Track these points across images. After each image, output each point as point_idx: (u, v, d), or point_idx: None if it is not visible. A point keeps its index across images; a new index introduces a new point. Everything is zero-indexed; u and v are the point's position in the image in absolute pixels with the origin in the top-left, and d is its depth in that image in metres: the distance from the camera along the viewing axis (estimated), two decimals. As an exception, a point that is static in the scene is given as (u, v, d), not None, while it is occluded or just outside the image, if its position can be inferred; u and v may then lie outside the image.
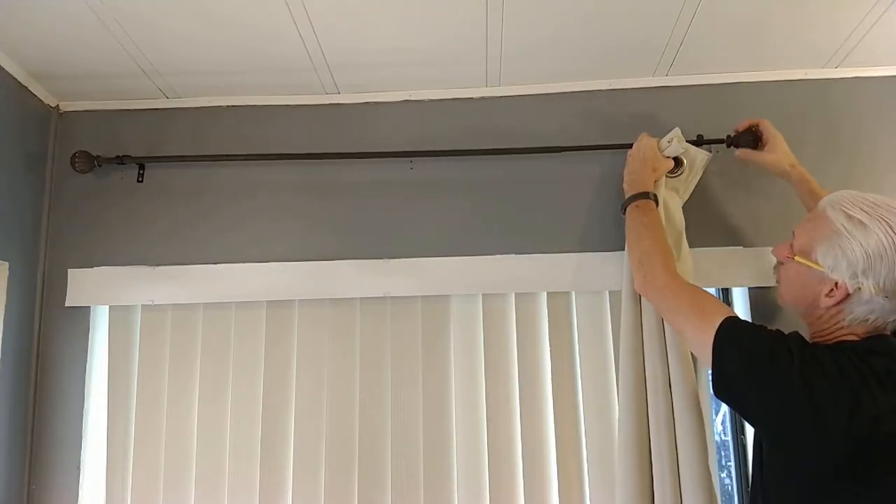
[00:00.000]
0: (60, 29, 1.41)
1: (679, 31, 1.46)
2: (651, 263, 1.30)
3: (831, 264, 1.03)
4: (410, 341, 1.58)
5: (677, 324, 1.22)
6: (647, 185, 1.44)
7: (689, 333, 1.17)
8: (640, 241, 1.37)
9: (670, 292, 1.24)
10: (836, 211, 1.04)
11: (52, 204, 1.69)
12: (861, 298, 1.01)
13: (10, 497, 1.52)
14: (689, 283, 1.26)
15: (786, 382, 0.98)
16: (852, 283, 1.01)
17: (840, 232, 1.02)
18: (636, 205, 1.42)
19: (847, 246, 1.01)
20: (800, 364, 0.98)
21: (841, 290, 1.03)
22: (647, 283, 1.31)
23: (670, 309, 1.24)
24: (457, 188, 1.65)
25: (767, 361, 1.01)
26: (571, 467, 1.51)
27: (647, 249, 1.33)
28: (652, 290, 1.30)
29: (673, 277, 1.26)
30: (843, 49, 1.55)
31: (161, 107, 1.72)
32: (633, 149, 1.51)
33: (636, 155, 1.49)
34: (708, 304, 1.16)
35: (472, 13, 1.37)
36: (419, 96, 1.69)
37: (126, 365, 1.62)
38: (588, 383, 1.54)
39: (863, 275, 1.00)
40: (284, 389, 1.59)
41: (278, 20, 1.38)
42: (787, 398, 0.97)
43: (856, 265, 1.00)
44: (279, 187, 1.67)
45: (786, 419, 0.98)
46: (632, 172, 1.48)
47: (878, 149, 1.60)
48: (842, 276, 1.02)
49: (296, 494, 1.54)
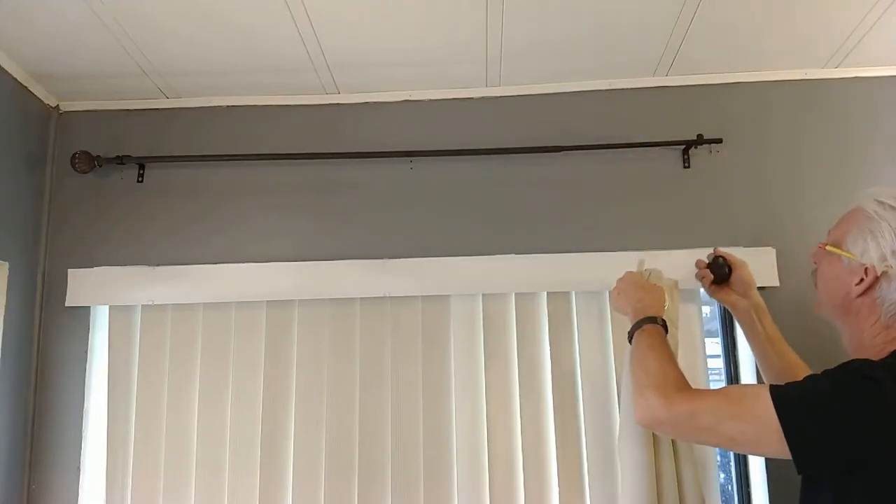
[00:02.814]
0: (60, 29, 1.41)
1: (679, 31, 1.46)
2: (663, 383, 1.09)
3: (861, 249, 1.01)
4: (410, 341, 1.58)
5: (726, 431, 0.99)
6: (658, 310, 1.27)
7: (747, 435, 0.97)
8: (646, 362, 1.16)
9: (697, 403, 1.03)
10: (869, 200, 1.03)
11: (52, 204, 1.69)
12: (890, 282, 0.98)
13: (10, 497, 1.52)
14: (706, 389, 1.12)
15: (866, 421, 0.88)
16: (881, 265, 0.98)
17: (871, 217, 1.01)
18: (643, 330, 1.23)
19: (877, 228, 0.99)
20: (874, 393, 0.88)
21: (870, 274, 0.99)
22: (651, 408, 1.07)
23: (706, 422, 1.01)
24: (457, 188, 1.65)
25: (850, 402, 0.90)
26: (571, 467, 1.51)
27: (656, 370, 1.12)
28: (667, 410, 1.05)
29: (693, 390, 1.08)
30: (842, 49, 1.55)
31: (161, 107, 1.72)
32: (622, 283, 1.36)
33: (630, 286, 1.34)
34: (742, 393, 1.02)
35: (472, 13, 1.37)
36: (419, 96, 1.69)
37: (126, 365, 1.62)
38: (588, 383, 1.54)
39: (892, 256, 0.97)
40: (284, 389, 1.59)
41: (278, 20, 1.38)
42: (872, 438, 0.88)
43: (885, 247, 0.98)
44: (279, 187, 1.67)
45: (878, 461, 0.88)
46: (638, 301, 1.30)
47: (877, 149, 1.60)
48: (871, 259, 0.99)
49: (296, 494, 1.54)
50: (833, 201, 1.55)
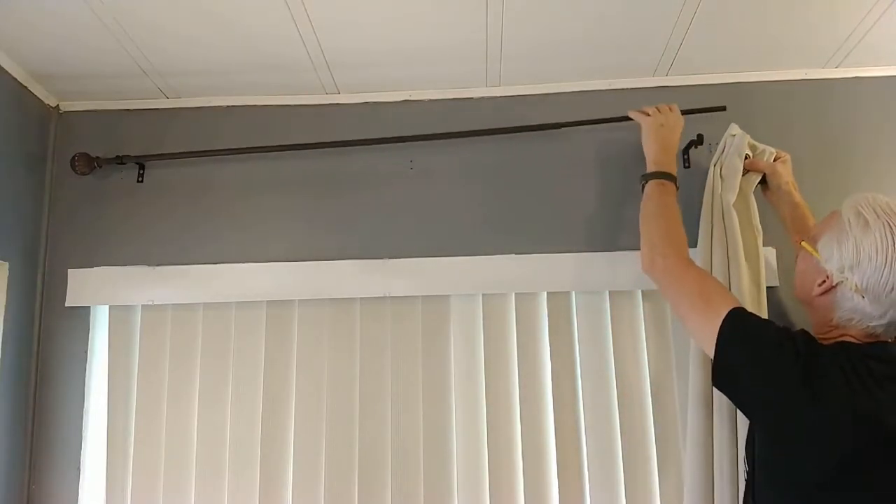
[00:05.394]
0: (60, 29, 1.41)
1: (679, 31, 1.46)
2: (665, 245, 1.26)
3: (826, 255, 1.06)
4: (410, 341, 1.58)
5: (682, 310, 1.18)
6: (674, 167, 1.38)
7: (693, 322, 1.15)
8: (657, 219, 1.31)
9: (678, 277, 1.21)
10: (850, 208, 1.06)
11: (52, 204, 1.69)
12: (843, 294, 1.03)
13: (10, 497, 1.52)
14: (700, 271, 1.24)
15: (790, 378, 0.98)
16: (838, 276, 1.03)
17: (843, 226, 1.04)
18: (661, 182, 1.35)
19: (844, 240, 1.03)
20: (805, 360, 0.98)
21: (829, 281, 1.05)
22: (654, 264, 1.26)
23: (676, 294, 1.20)
24: (457, 188, 1.65)
25: (773, 356, 1.01)
26: (571, 467, 1.51)
27: (664, 230, 1.28)
28: (660, 272, 1.25)
29: (685, 263, 1.23)
30: (843, 49, 1.55)
31: (161, 107, 1.72)
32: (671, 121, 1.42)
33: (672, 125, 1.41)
34: (715, 293, 1.14)
35: (472, 13, 1.37)
36: (419, 96, 1.69)
37: (126, 365, 1.62)
38: (588, 383, 1.54)
39: (849, 270, 1.02)
40: (284, 389, 1.59)
41: (278, 20, 1.38)
42: (791, 394, 0.98)
43: (845, 259, 1.02)
44: (279, 187, 1.67)
45: (788, 415, 0.99)
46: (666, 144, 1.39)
47: (877, 149, 1.60)
48: (832, 267, 1.04)
49: (296, 494, 1.54)
50: (833, 201, 1.55)
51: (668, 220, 1.30)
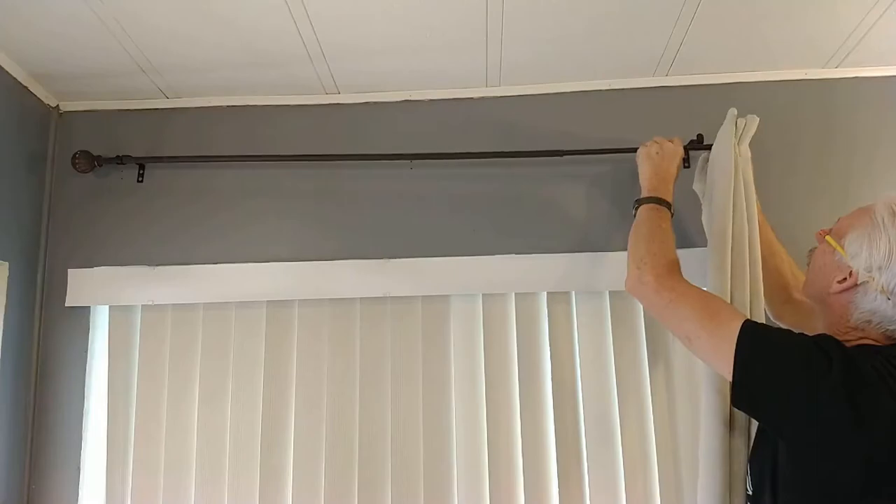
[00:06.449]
0: (60, 29, 1.41)
1: (679, 31, 1.46)
2: (657, 264, 1.19)
3: (854, 251, 1.01)
4: (410, 341, 1.58)
5: (686, 330, 1.09)
6: (670, 194, 1.34)
7: (702, 341, 1.06)
8: (650, 239, 1.25)
9: (679, 295, 1.13)
10: (884, 205, 1.02)
11: (52, 204, 1.69)
12: (867, 294, 0.99)
13: (10, 497, 1.52)
14: (698, 287, 1.16)
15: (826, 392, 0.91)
16: (864, 274, 0.99)
17: (876, 223, 1.00)
18: (655, 207, 1.30)
19: (875, 237, 0.99)
20: (841, 370, 0.91)
21: (852, 278, 1.01)
22: (643, 282, 1.18)
23: (676, 314, 1.12)
24: (457, 188, 1.65)
25: (803, 369, 0.94)
26: (571, 467, 1.51)
27: (656, 249, 1.22)
28: (652, 291, 1.17)
29: (682, 281, 1.17)
30: (843, 49, 1.55)
31: (161, 107, 1.72)
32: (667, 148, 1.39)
33: (670, 154, 1.38)
34: (722, 308, 1.09)
35: (472, 13, 1.37)
36: (419, 96, 1.69)
37: (126, 365, 1.61)
38: (588, 383, 1.54)
39: (877, 270, 0.98)
40: (284, 389, 1.59)
41: (278, 20, 1.37)
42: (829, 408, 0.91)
43: (874, 258, 0.98)
44: (279, 187, 1.67)
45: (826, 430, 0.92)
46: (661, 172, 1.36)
47: (877, 149, 1.60)
48: (858, 265, 1.00)
49: (296, 494, 1.54)
50: (832, 201, 1.56)
51: (662, 242, 1.23)
